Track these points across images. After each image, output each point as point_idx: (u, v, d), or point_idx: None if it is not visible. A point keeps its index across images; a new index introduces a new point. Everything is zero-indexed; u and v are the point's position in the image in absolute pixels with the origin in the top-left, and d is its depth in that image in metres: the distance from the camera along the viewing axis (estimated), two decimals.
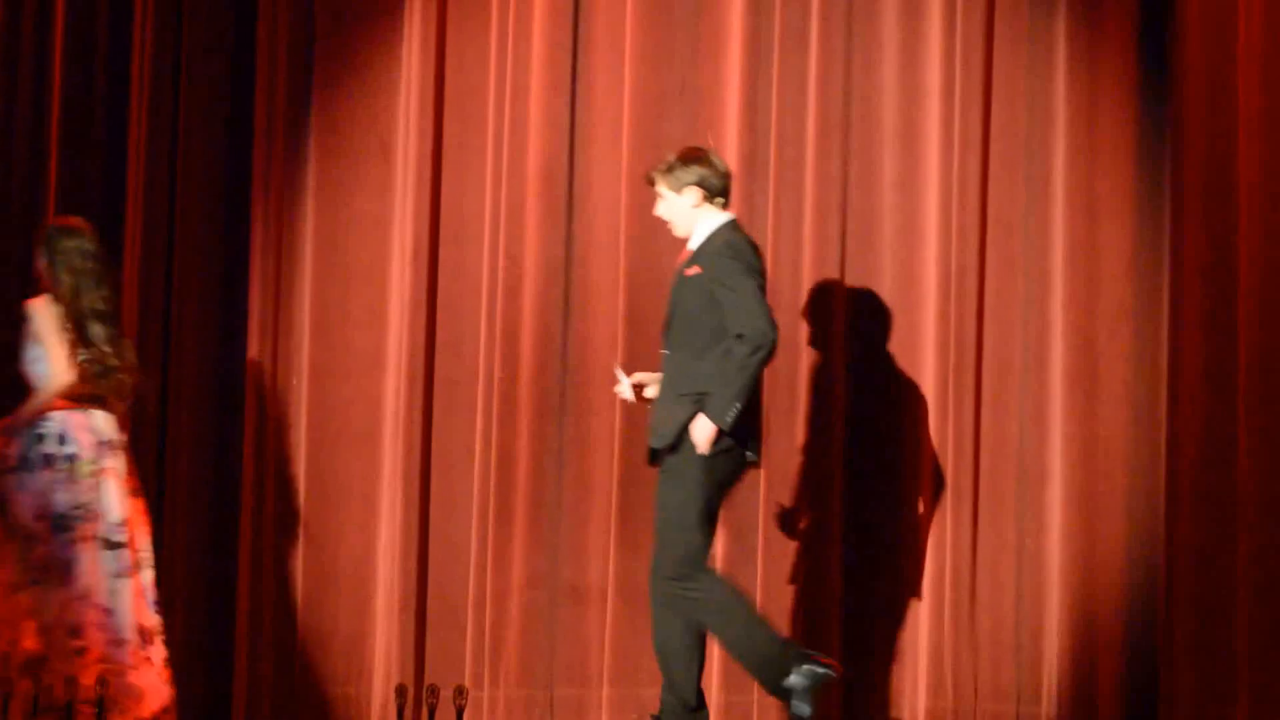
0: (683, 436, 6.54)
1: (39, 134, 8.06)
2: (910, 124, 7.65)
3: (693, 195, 6.69)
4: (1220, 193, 7.30)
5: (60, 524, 6.87)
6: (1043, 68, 7.59)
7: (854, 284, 7.66)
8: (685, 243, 6.74)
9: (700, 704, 6.63)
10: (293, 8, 8.04)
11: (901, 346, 7.65)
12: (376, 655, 7.83)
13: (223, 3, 8.13)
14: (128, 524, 6.94)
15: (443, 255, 7.93)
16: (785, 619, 7.50)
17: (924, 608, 7.51)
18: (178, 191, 8.01)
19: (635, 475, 7.45)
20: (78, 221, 7.15)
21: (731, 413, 6.47)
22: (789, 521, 7.61)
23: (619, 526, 7.69)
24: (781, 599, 7.54)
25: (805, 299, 7.65)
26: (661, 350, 6.73)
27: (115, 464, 6.95)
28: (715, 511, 6.63)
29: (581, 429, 7.76)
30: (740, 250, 6.62)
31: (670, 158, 6.75)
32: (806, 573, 7.53)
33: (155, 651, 6.90)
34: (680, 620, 6.56)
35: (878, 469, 7.64)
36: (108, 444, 6.95)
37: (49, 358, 6.87)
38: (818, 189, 7.65)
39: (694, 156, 6.72)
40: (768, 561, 7.57)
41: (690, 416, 6.51)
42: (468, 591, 7.78)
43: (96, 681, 6.62)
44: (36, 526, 6.87)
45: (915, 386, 7.60)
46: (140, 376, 7.15)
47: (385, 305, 7.97)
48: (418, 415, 7.85)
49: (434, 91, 7.96)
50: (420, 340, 7.87)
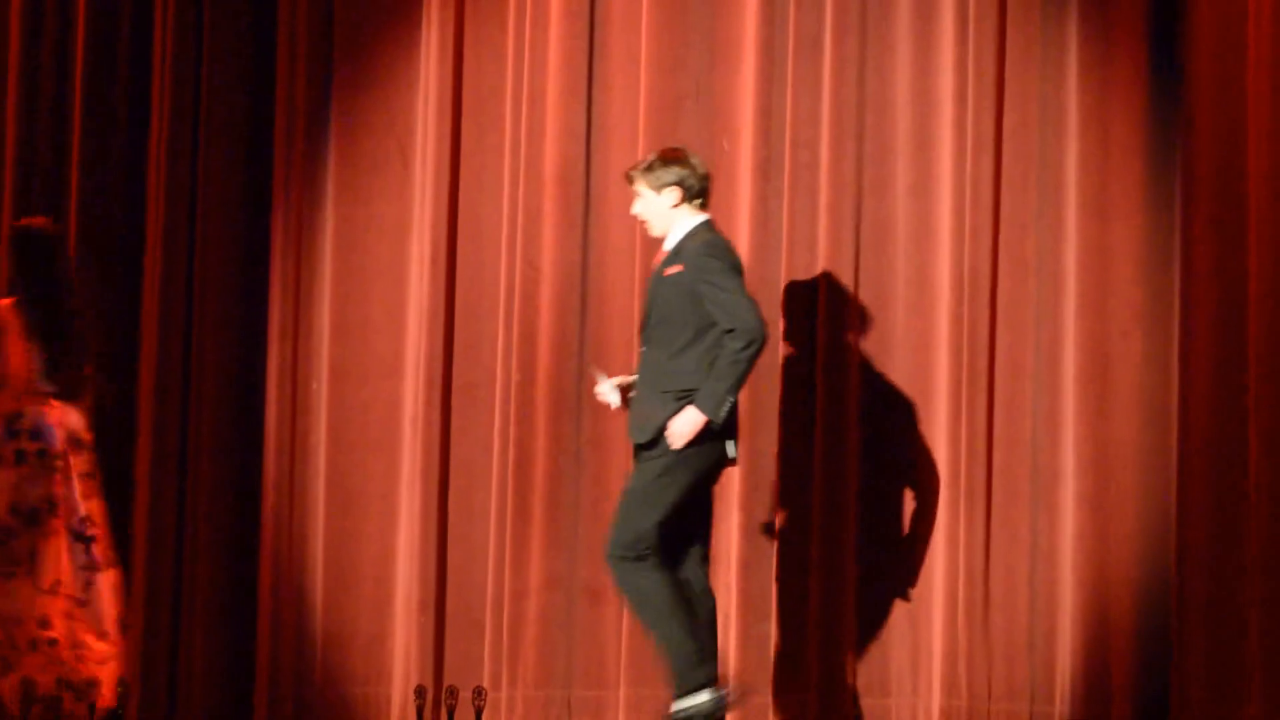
0: (664, 432, 6.55)
1: (60, 140, 8.12)
2: (923, 128, 7.64)
3: (671, 195, 6.71)
4: (1231, 196, 7.27)
5: (32, 517, 6.95)
6: (1054, 72, 7.56)
7: (868, 286, 7.66)
8: (661, 242, 6.78)
9: (704, 658, 6.56)
10: (312, 14, 8.09)
11: (915, 348, 7.63)
12: (396, 656, 7.88)
13: (242, 8, 8.19)
14: (94, 519, 7.02)
15: (460, 258, 7.97)
16: (800, 619, 7.53)
17: (938, 608, 7.50)
18: (198, 196, 8.07)
19: None
20: (41, 221, 7.21)
21: (725, 407, 6.49)
22: (802, 522, 7.63)
23: None
24: (796, 599, 7.56)
25: (820, 302, 7.64)
26: (639, 348, 6.75)
27: (82, 461, 7.03)
28: (684, 507, 6.59)
29: (598, 430, 7.76)
30: (721, 249, 6.66)
31: (650, 157, 6.79)
32: (821, 573, 7.54)
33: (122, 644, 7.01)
34: (647, 584, 6.52)
35: (892, 470, 7.63)
36: (78, 441, 7.03)
37: (11, 356, 6.94)
38: (832, 193, 7.65)
39: (674, 157, 6.75)
40: (782, 562, 7.59)
41: (673, 414, 6.52)
42: (486, 592, 7.81)
43: (55, 682, 6.70)
44: (10, 520, 6.95)
45: (929, 388, 7.60)
46: (99, 377, 7.22)
47: (404, 308, 8.02)
48: (436, 417, 7.89)
49: (452, 96, 8.00)
50: (439, 343, 7.92)
